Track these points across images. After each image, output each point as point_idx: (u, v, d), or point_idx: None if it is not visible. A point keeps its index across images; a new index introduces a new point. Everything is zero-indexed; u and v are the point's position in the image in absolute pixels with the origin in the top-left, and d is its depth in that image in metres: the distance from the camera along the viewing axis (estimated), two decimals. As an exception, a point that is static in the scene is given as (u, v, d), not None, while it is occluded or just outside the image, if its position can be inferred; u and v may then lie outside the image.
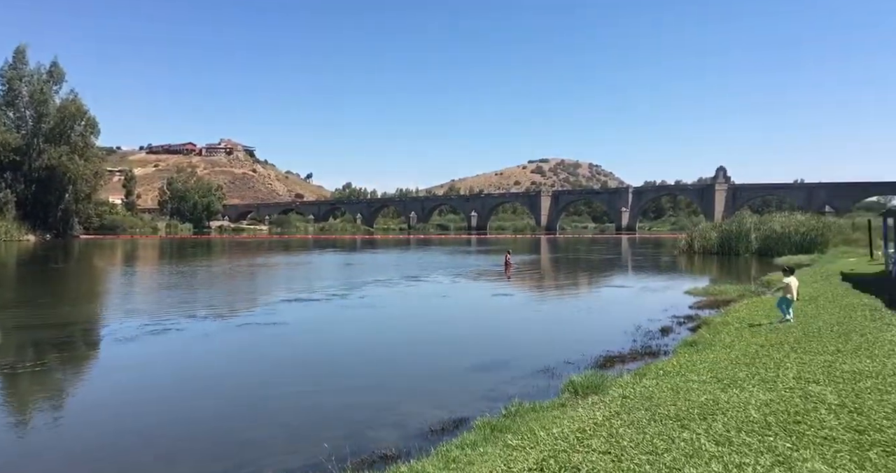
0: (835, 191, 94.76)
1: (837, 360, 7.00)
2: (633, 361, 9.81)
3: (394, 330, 14.05)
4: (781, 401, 5.52)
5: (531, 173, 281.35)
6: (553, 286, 24.26)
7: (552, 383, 8.45)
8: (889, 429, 4.42)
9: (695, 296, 17.94)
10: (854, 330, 8.97)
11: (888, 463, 3.79)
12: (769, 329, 10.35)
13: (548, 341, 12.21)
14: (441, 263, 35.79)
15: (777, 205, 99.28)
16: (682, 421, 5.24)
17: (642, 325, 13.12)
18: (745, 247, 36.55)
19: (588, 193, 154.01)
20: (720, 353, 8.69)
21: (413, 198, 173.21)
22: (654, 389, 6.91)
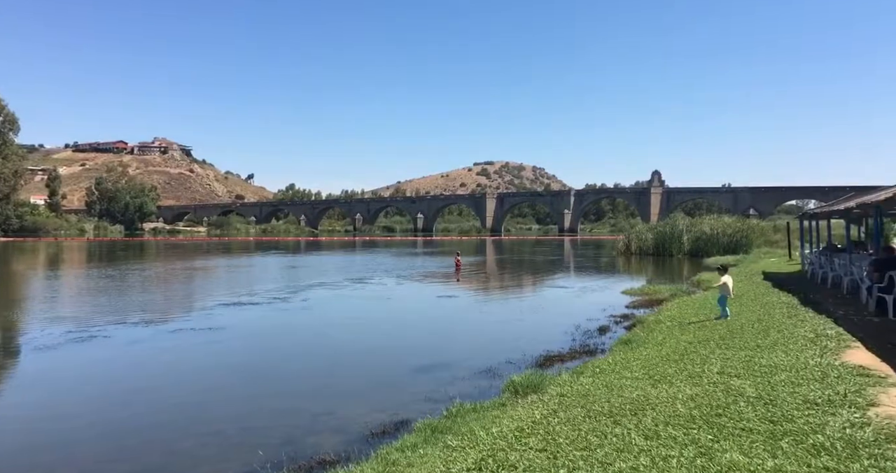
0: (758, 195, 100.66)
1: (757, 355, 7.43)
2: (571, 360, 10.08)
3: (336, 333, 13.87)
4: (705, 395, 5.81)
5: (477, 175, 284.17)
6: (498, 287, 24.59)
7: (494, 383, 8.57)
8: (799, 419, 4.75)
9: (631, 296, 18.62)
10: (773, 326, 9.55)
11: (797, 451, 4.07)
12: (698, 326, 10.87)
13: (491, 342, 12.37)
14: (387, 265, 35.59)
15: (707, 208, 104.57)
16: (615, 417, 5.43)
17: (581, 325, 13.50)
18: (677, 248, 38.26)
19: (532, 195, 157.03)
20: (652, 351, 9.06)
21: (359, 200, 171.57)
22: (590, 387, 7.13)
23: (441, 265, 35.66)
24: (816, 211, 23.52)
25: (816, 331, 8.61)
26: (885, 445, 4.03)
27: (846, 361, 6.65)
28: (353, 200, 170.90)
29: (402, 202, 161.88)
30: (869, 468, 3.67)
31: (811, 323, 9.37)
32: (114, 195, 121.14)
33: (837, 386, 5.61)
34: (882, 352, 7.10)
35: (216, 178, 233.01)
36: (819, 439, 4.23)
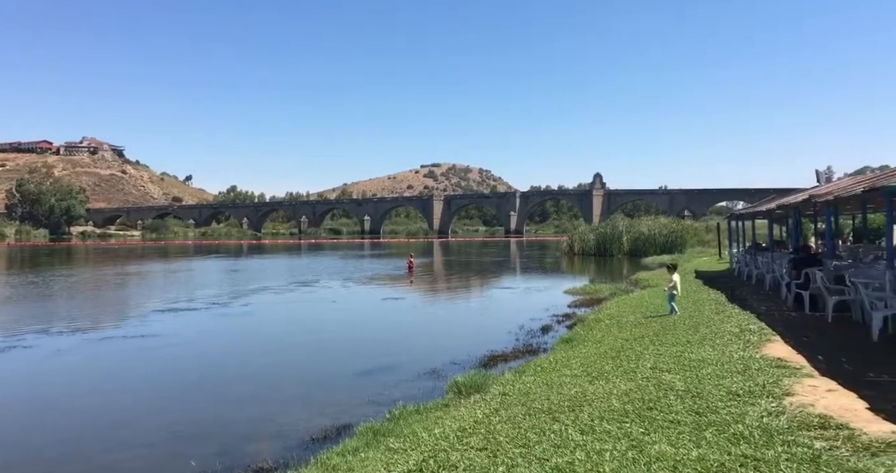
0: (692, 197, 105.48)
1: (687, 350, 7.79)
2: (515, 359, 10.25)
3: (278, 337, 13.57)
4: (639, 390, 6.05)
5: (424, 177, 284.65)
6: (445, 288, 24.70)
7: (438, 384, 8.61)
8: (722, 410, 5.02)
9: (573, 296, 19.10)
10: (702, 322, 10.04)
11: (719, 441, 4.31)
12: (635, 324, 11.29)
13: (436, 343, 12.42)
14: (333, 268, 35.09)
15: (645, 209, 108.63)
16: (554, 414, 5.57)
17: (525, 325, 13.74)
18: (618, 249, 39.58)
19: (478, 197, 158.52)
20: (591, 348, 9.34)
21: (304, 202, 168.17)
22: (531, 385, 7.28)
23: (389, 267, 35.48)
24: (743, 212, 24.91)
25: (741, 326, 9.11)
26: (797, 432, 4.32)
27: (766, 354, 7.08)
28: (299, 202, 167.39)
29: (348, 204, 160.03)
30: (782, 454, 3.92)
31: (736, 319, 9.91)
32: (37, 197, 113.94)
33: (758, 378, 5.96)
34: (797, 345, 7.60)
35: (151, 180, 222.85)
36: (739, 428, 4.48)
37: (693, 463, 3.93)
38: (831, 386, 5.59)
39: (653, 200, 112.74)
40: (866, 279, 9.32)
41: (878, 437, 4.05)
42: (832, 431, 4.26)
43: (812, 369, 6.29)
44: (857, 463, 3.63)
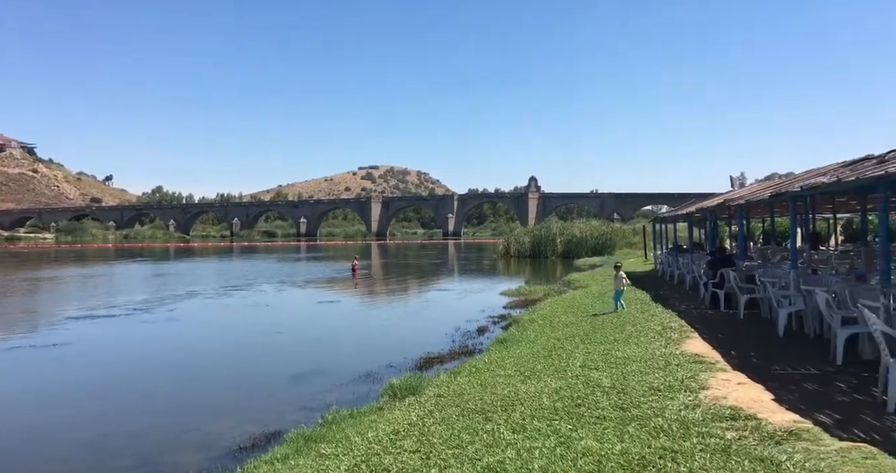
0: (621, 201, 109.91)
1: (614, 348, 8.13)
2: (450, 361, 10.32)
3: (206, 344, 13.04)
4: (568, 388, 6.25)
5: (361, 179, 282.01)
6: (383, 291, 24.54)
7: (373, 388, 8.55)
8: (644, 405, 5.27)
9: (509, 297, 19.46)
10: (628, 321, 10.49)
11: (641, 434, 4.52)
12: (566, 323, 11.64)
13: (373, 346, 12.32)
14: (267, 271, 34.11)
15: (578, 212, 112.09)
16: (487, 414, 5.66)
17: (462, 326, 13.87)
18: (552, 251, 40.67)
19: (417, 200, 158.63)
20: (525, 348, 9.55)
21: (236, 204, 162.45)
22: (465, 386, 7.36)
23: (327, 270, 34.86)
24: (666, 215, 26.24)
25: (663, 324, 9.59)
26: (711, 424, 4.60)
27: (685, 350, 7.49)
28: (230, 204, 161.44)
29: (283, 206, 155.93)
30: (697, 445, 4.16)
31: (660, 317, 10.41)
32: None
33: (677, 373, 6.29)
34: (713, 341, 8.09)
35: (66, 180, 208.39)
36: (659, 422, 4.72)
37: (616, 457, 4.10)
38: (742, 379, 5.98)
39: (585, 204, 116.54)
40: (773, 278, 10.04)
41: (782, 426, 4.38)
42: (742, 422, 4.57)
43: (725, 363, 6.71)
44: (763, 452, 3.91)
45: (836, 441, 4.03)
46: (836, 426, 4.43)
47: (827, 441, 4.06)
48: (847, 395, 5.34)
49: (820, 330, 8.11)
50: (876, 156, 8.82)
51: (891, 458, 3.61)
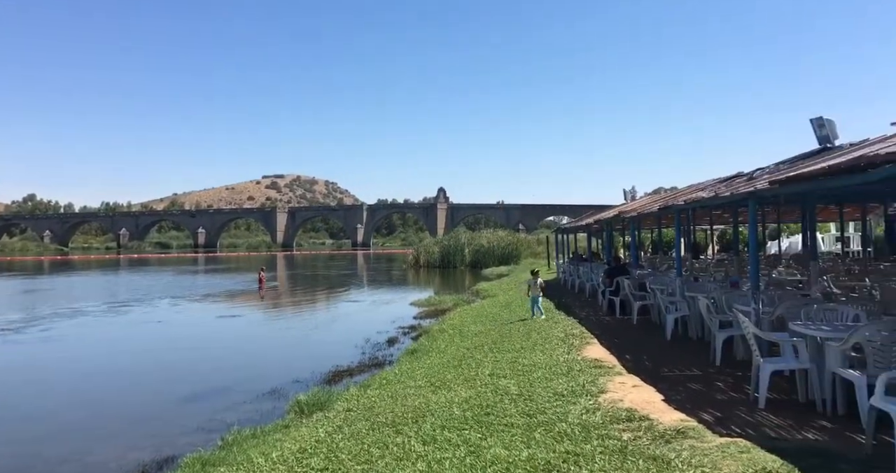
0: (526, 212, 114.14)
1: (521, 356, 8.38)
2: (360, 373, 10.18)
3: (88, 364, 11.96)
4: (478, 397, 6.36)
5: (266, 189, 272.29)
6: (289, 303, 23.71)
7: (278, 405, 8.24)
8: (549, 410, 5.47)
9: (419, 307, 19.53)
10: (534, 329, 10.87)
11: (546, 440, 4.69)
12: (475, 332, 11.86)
13: (278, 361, 11.87)
14: (160, 285, 31.83)
15: (485, 222, 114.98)
16: (397, 427, 5.62)
17: (372, 338, 13.73)
18: (460, 260, 41.38)
19: (325, 210, 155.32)
20: (435, 358, 9.61)
21: (125, 213, 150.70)
22: (375, 399, 7.27)
23: (228, 282, 33.15)
24: (567, 226, 27.59)
25: (566, 331, 10.03)
26: (609, 426, 4.86)
27: (586, 356, 7.88)
28: (118, 214, 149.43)
29: (179, 216, 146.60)
30: (597, 447, 4.38)
31: (563, 325, 10.89)
32: None
33: (579, 378, 6.60)
34: (611, 346, 8.58)
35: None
36: (563, 426, 4.92)
37: (524, 463, 4.22)
38: (636, 382, 6.39)
39: (491, 214, 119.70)
40: (661, 286, 10.84)
41: (671, 426, 4.72)
42: (636, 423, 4.87)
43: (622, 368, 7.13)
44: (656, 451, 4.19)
45: (717, 438, 4.40)
46: (716, 423, 4.84)
47: (709, 437, 4.42)
48: (725, 394, 5.86)
49: (702, 333, 8.85)
50: (745, 174, 9.84)
51: (763, 451, 4.00)
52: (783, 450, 3.99)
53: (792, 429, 4.63)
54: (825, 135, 8.05)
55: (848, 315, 5.85)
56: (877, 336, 4.54)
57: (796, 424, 4.74)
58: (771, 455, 3.90)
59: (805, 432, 4.56)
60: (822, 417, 4.91)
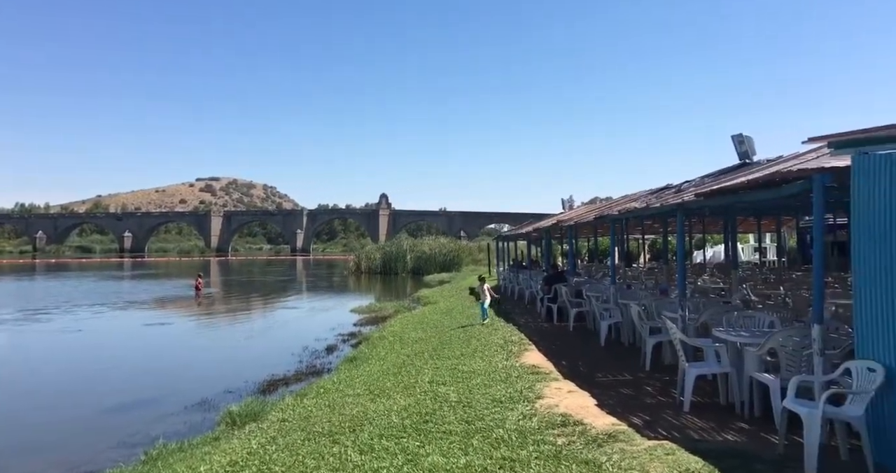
0: (467, 219, 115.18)
1: (461, 363, 8.43)
2: (297, 382, 9.96)
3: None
4: (417, 404, 6.34)
5: (200, 191, 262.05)
6: (223, 310, 22.84)
7: (208, 416, 7.93)
8: (487, 417, 5.53)
9: (359, 314, 19.30)
10: (474, 335, 10.97)
11: (483, 446, 4.73)
12: (416, 339, 11.84)
13: (210, 371, 11.41)
14: (81, 292, 29.94)
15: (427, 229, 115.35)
16: (334, 436, 5.52)
17: (310, 345, 13.45)
18: (402, 267, 41.25)
19: (263, 214, 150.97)
20: (375, 366, 9.52)
21: (41, 215, 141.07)
22: (312, 408, 7.12)
23: (156, 288, 31.58)
24: (508, 234, 28.05)
25: (505, 338, 10.18)
26: (545, 431, 4.96)
27: (524, 362, 8.01)
28: (34, 215, 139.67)
29: (103, 219, 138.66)
30: (533, 452, 4.46)
31: (502, 331, 11.04)
32: None
33: (517, 385, 6.70)
34: (548, 353, 8.77)
35: None
36: (500, 432, 4.98)
37: (461, 471, 4.24)
38: (572, 387, 6.56)
39: (434, 221, 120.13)
40: (597, 293, 11.20)
41: (603, 430, 4.87)
42: (571, 428, 4.99)
43: (558, 373, 7.30)
44: (588, 455, 4.31)
45: (646, 441, 4.58)
46: (645, 426, 5.03)
47: (638, 440, 4.60)
48: (654, 398, 6.11)
49: (633, 339, 9.20)
50: (674, 186, 10.35)
51: (687, 453, 4.20)
52: (705, 452, 4.20)
53: (714, 431, 4.88)
54: (745, 151, 8.57)
55: (764, 321, 6.24)
56: (789, 341, 4.87)
57: (718, 426, 5.00)
58: (694, 456, 4.09)
59: (725, 433, 4.82)
60: (741, 419, 5.21)
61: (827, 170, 4.22)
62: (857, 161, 3.98)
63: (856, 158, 3.98)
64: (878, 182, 3.84)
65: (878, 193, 3.86)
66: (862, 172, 3.95)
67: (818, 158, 5.02)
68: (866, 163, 3.93)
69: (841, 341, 4.98)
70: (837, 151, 4.19)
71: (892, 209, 3.76)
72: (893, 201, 3.75)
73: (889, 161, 3.77)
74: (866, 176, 3.93)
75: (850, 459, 4.06)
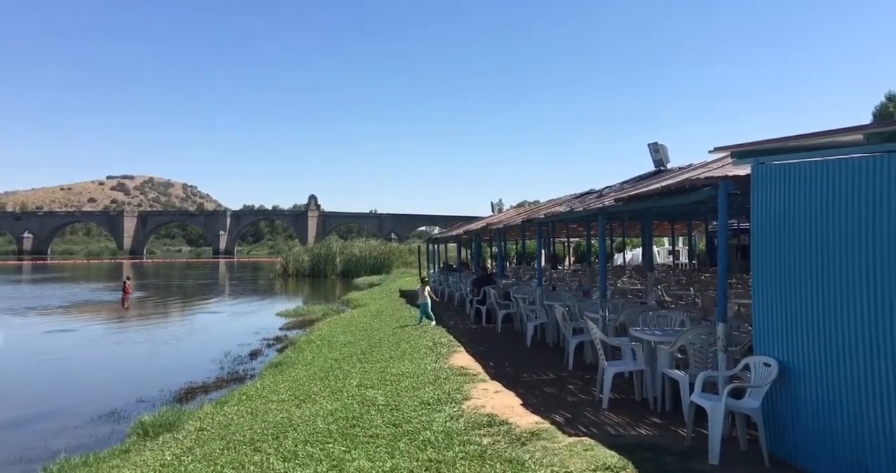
0: (398, 221, 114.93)
1: (389, 366, 8.38)
2: (217, 389, 9.58)
3: None
4: (344, 409, 6.24)
5: (112, 190, 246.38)
6: (136, 316, 21.52)
7: (117, 428, 7.47)
8: (415, 420, 5.52)
9: (286, 318, 18.78)
10: (403, 338, 10.94)
11: (410, 449, 4.72)
12: (344, 343, 11.66)
13: (120, 380, 10.73)
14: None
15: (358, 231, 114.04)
16: (256, 444, 5.34)
17: (232, 351, 12.96)
18: (331, 269, 40.54)
19: (182, 215, 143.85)
20: (301, 371, 9.29)
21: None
22: (233, 416, 6.85)
23: (61, 292, 29.32)
24: (438, 236, 28.21)
25: (434, 340, 10.22)
26: (471, 432, 5.02)
27: (452, 364, 8.07)
28: None
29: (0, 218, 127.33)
30: (458, 453, 4.50)
31: (431, 334, 11.08)
32: None
33: (445, 386, 6.74)
34: (476, 354, 8.89)
35: None
36: (427, 434, 4.99)
37: (387, 474, 4.22)
38: (498, 387, 6.67)
39: (364, 223, 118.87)
40: (524, 295, 11.48)
41: (527, 429, 4.99)
42: (496, 427, 5.08)
43: (485, 374, 7.41)
44: (512, 453, 4.40)
45: (567, 438, 4.73)
46: (566, 424, 5.21)
47: (560, 438, 4.74)
48: (575, 396, 6.33)
49: (558, 339, 9.50)
50: (596, 191, 10.80)
51: (604, 448, 4.38)
52: (621, 446, 4.40)
53: (629, 426, 5.13)
54: (659, 159, 9.08)
55: (676, 320, 6.63)
56: (697, 339, 5.20)
57: (633, 421, 5.25)
58: (611, 451, 4.28)
59: (639, 428, 5.07)
60: (654, 414, 5.50)
61: (730, 179, 4.55)
62: (755, 170, 4.31)
63: (755, 168, 4.32)
64: (774, 190, 4.18)
65: (773, 200, 4.20)
66: (760, 181, 4.29)
67: (723, 167, 5.40)
68: (763, 172, 4.26)
69: (742, 338, 5.37)
70: (739, 161, 4.52)
71: (786, 215, 4.10)
72: (787, 208, 4.09)
73: (783, 171, 4.11)
74: (763, 184, 4.27)
75: (749, 449, 4.38)
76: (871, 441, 3.49)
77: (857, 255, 3.56)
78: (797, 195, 3.97)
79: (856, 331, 3.58)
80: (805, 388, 3.98)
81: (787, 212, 4.08)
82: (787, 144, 4.18)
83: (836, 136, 3.81)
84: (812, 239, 3.88)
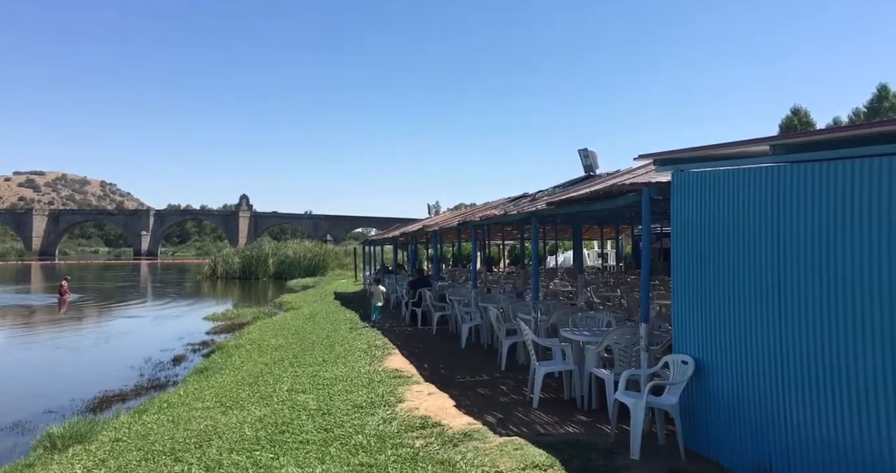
0: (334, 223, 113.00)
1: (322, 369, 8.21)
2: (136, 397, 9.07)
3: None
4: (273, 415, 6.06)
5: (19, 187, 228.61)
6: (43, 322, 20.01)
7: (21, 440, 6.96)
8: (347, 424, 5.44)
9: (214, 322, 18.03)
10: (337, 341, 10.76)
11: (341, 453, 4.65)
12: (275, 347, 11.33)
13: (25, 389, 9.97)
14: None
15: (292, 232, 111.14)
16: (177, 454, 5.09)
17: (154, 357, 12.33)
18: (264, 271, 39.35)
19: (99, 214, 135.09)
20: (229, 376, 8.94)
21: None
22: (153, 425, 6.51)
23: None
24: (375, 238, 27.99)
25: (369, 343, 10.12)
26: (404, 435, 5.00)
27: (387, 367, 8.02)
28: None
29: None
30: (391, 456, 4.47)
31: (366, 336, 10.96)
32: None
33: (379, 389, 6.68)
34: (410, 356, 8.87)
35: None
36: (359, 438, 4.93)
37: (317, 480, 4.13)
38: (432, 389, 6.69)
39: (299, 224, 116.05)
40: (459, 297, 11.57)
41: (459, 430, 5.03)
42: (429, 429, 5.09)
43: (420, 376, 7.41)
44: (444, 455, 4.42)
45: (498, 438, 4.81)
46: (498, 424, 5.29)
47: (491, 438, 4.81)
48: (507, 396, 6.44)
49: (492, 341, 9.63)
50: (530, 195, 11.06)
51: (533, 447, 4.48)
52: (549, 444, 4.52)
53: (558, 425, 5.27)
54: (589, 165, 9.42)
55: (603, 321, 6.88)
56: (622, 339, 5.42)
57: (561, 420, 5.40)
58: (539, 449, 4.38)
59: (567, 426, 5.23)
60: (581, 412, 5.68)
61: (653, 185, 4.78)
62: (675, 177, 4.56)
63: (674, 175, 4.56)
64: (691, 196, 4.43)
65: (690, 206, 4.45)
66: (679, 187, 4.53)
67: (647, 174, 5.67)
68: (682, 179, 4.51)
69: (663, 338, 5.65)
70: (661, 168, 4.76)
71: (702, 220, 4.35)
72: (703, 213, 4.34)
73: (699, 178, 4.36)
74: (682, 190, 4.51)
75: (667, 444, 4.60)
76: (773, 433, 3.75)
77: (766, 258, 3.82)
78: (711, 201, 4.23)
79: (763, 330, 3.85)
80: (717, 384, 4.23)
81: (702, 217, 4.33)
82: (703, 153, 4.44)
83: (746, 147, 4.08)
84: (725, 243, 4.13)
